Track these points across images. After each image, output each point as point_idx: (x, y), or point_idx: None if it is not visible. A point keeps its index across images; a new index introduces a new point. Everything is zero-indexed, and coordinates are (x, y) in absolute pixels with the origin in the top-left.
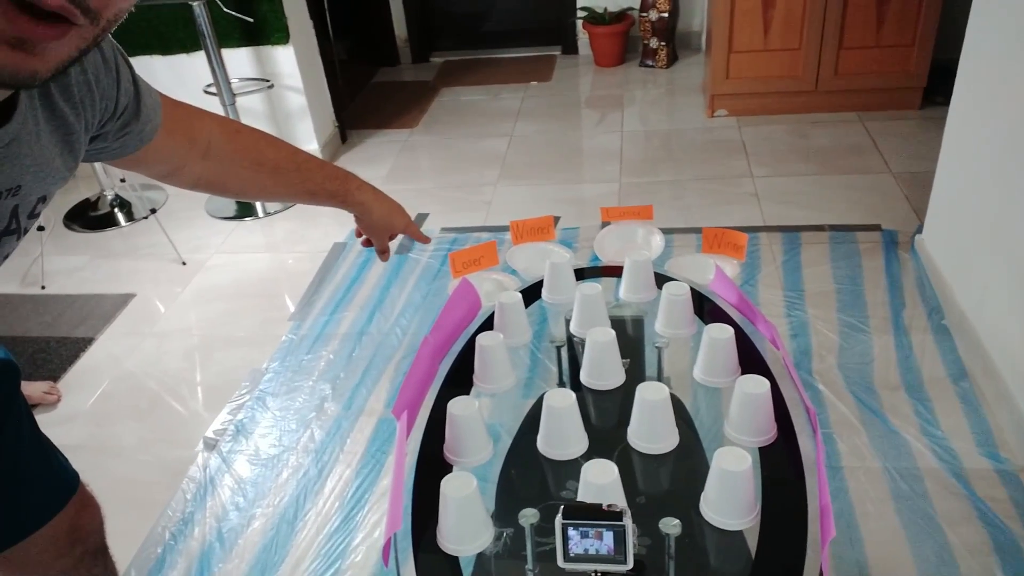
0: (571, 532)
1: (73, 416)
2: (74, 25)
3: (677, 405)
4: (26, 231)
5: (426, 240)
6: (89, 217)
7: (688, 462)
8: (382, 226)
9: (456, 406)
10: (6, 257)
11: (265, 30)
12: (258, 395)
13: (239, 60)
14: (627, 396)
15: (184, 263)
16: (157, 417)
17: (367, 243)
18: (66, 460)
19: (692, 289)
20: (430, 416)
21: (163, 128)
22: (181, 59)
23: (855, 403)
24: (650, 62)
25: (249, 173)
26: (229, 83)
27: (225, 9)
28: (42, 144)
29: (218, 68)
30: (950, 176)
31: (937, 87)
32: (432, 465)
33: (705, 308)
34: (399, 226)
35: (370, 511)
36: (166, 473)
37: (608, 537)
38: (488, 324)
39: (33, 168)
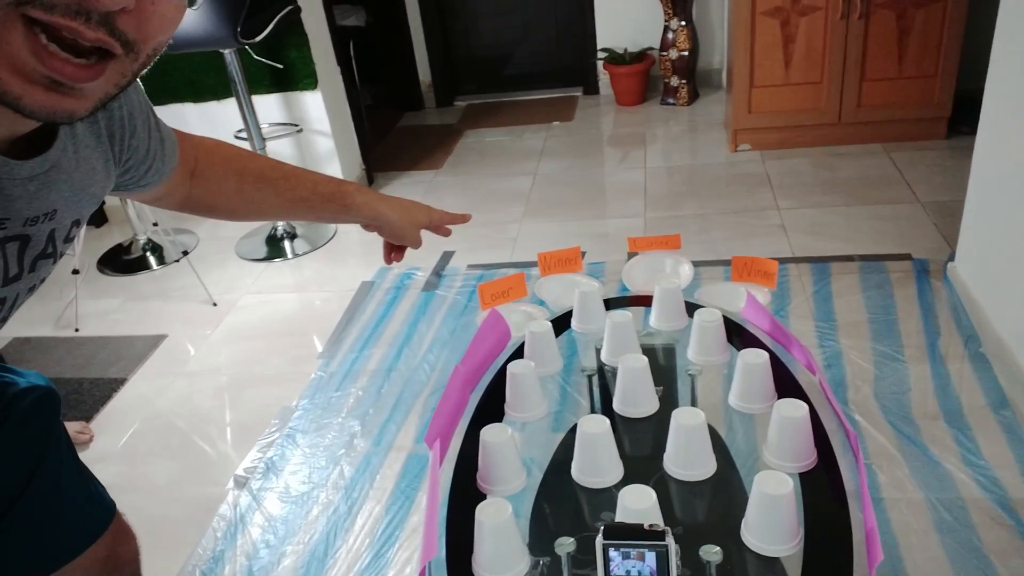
0: (612, 553)
1: (105, 456)
2: (111, 60)
3: (712, 434)
4: (61, 255)
5: (463, 219)
6: (122, 261)
7: (726, 490)
8: (404, 223)
9: (489, 433)
10: (42, 281)
11: (294, 76)
12: (288, 432)
13: (269, 106)
14: (661, 424)
15: (215, 304)
16: (188, 456)
17: (397, 254)
18: (104, 489)
19: (724, 317)
20: (462, 446)
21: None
22: (212, 106)
23: (893, 433)
24: (671, 100)
25: (234, 185)
26: (259, 128)
27: (255, 56)
28: (81, 171)
29: (249, 114)
30: (981, 203)
31: (962, 117)
32: (465, 494)
33: (737, 335)
34: (422, 218)
35: (401, 548)
36: (197, 511)
37: (650, 558)
38: (517, 355)
39: (69, 193)
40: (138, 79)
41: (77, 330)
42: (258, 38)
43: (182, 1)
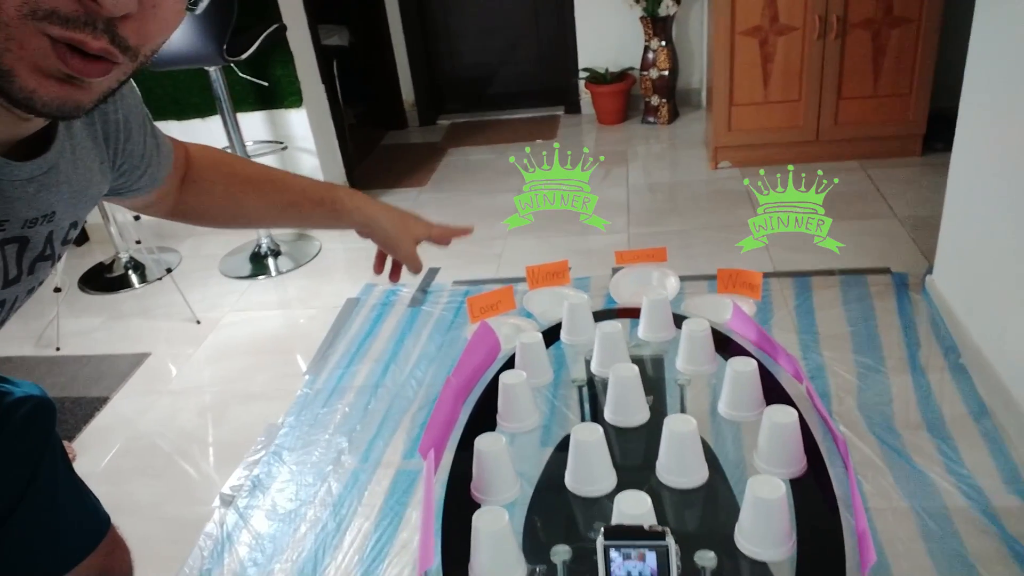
0: (613, 554)
1: (88, 475)
2: (115, 65)
3: (702, 444)
4: (59, 257)
5: (466, 231)
6: (104, 279)
7: (719, 496)
8: (399, 232)
9: (483, 442)
10: (40, 283)
11: (279, 94)
12: (274, 450)
13: (253, 123)
14: (652, 433)
15: (199, 322)
16: (173, 474)
17: (395, 271)
18: (98, 502)
19: (711, 327)
20: (455, 456)
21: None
22: (195, 123)
23: (877, 444)
24: (652, 119)
25: (222, 190)
26: (244, 146)
27: (241, 74)
28: (79, 172)
29: (233, 131)
30: (957, 218)
31: (937, 134)
32: (460, 503)
33: (724, 346)
34: (420, 230)
35: (390, 564)
36: (182, 530)
37: (651, 558)
38: (508, 367)
39: (67, 195)
40: (136, 90)
41: (58, 349)
42: (244, 56)
43: (182, 6)
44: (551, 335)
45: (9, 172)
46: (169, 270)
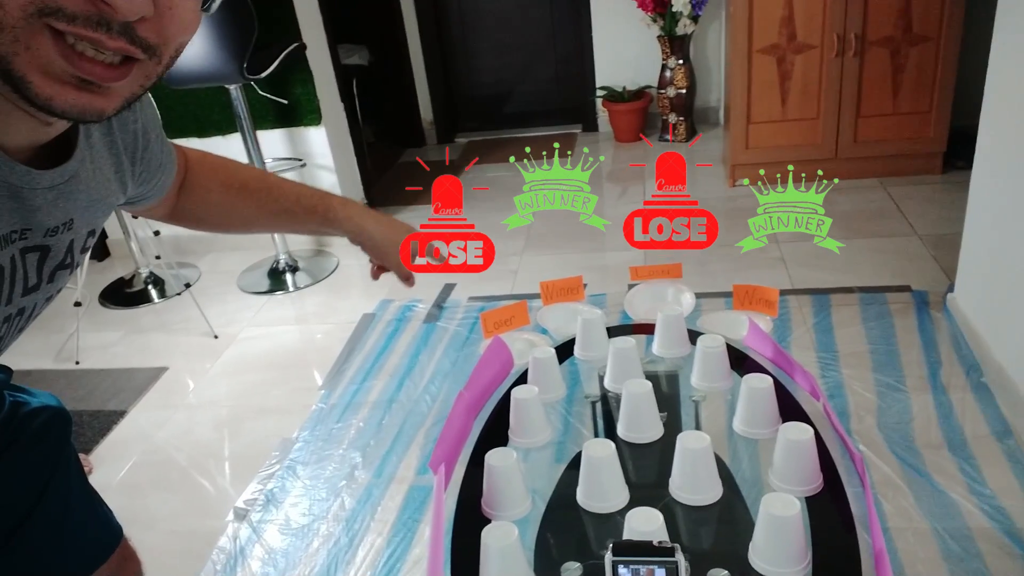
0: (621, 570)
1: (104, 488)
2: (136, 62)
3: (717, 460)
4: (78, 265)
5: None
6: (124, 294)
7: (733, 514)
8: (388, 241)
9: (494, 457)
10: (59, 291)
11: (298, 112)
12: (288, 464)
13: (273, 141)
14: (666, 450)
15: (216, 337)
16: (187, 488)
17: (377, 272)
18: (111, 513)
19: (727, 344)
20: (466, 471)
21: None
22: (216, 141)
23: (898, 463)
24: (669, 136)
25: (218, 197)
26: (264, 163)
27: (261, 92)
28: (97, 181)
29: (253, 148)
30: (979, 235)
31: (957, 152)
32: (470, 519)
33: (740, 362)
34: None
35: None
36: (196, 544)
37: (660, 575)
38: (521, 382)
39: (85, 203)
40: (151, 99)
41: (78, 363)
42: (264, 74)
43: (198, 5)
44: (565, 351)
45: (31, 180)
46: (188, 285)
